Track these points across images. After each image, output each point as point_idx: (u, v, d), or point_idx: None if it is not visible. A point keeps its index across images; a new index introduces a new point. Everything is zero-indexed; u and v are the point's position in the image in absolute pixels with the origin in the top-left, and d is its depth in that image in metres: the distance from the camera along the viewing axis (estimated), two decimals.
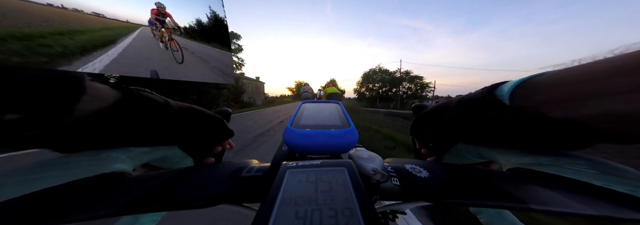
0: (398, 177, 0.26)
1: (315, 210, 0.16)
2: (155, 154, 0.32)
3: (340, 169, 0.22)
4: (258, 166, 0.30)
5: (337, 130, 0.35)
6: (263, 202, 0.17)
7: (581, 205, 0.18)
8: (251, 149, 4.24)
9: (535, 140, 0.25)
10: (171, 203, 0.21)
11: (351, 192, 0.18)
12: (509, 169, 0.27)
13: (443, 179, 0.25)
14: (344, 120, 0.42)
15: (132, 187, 0.23)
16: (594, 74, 0.16)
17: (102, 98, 0.21)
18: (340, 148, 0.33)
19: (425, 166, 0.28)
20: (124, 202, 0.20)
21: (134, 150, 0.28)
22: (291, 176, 0.21)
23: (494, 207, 0.28)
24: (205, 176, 0.27)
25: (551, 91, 0.19)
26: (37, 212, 0.17)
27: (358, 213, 0.15)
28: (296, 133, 0.34)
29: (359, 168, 0.24)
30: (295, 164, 0.23)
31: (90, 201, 0.19)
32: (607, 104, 0.15)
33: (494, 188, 0.22)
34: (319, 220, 0.15)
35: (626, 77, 0.14)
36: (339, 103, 0.60)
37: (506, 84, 0.23)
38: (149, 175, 0.26)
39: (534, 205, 0.18)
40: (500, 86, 0.23)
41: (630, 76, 0.14)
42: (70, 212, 0.18)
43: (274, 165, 0.28)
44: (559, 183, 0.21)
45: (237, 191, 0.26)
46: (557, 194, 0.19)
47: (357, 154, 0.29)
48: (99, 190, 0.21)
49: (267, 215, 0.16)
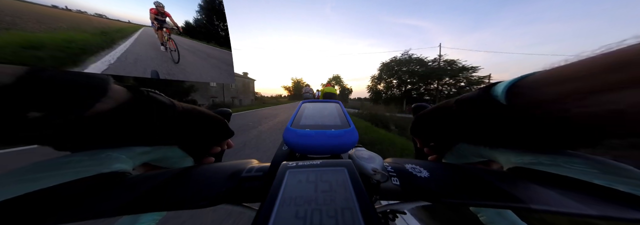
0: (398, 177, 0.26)
1: (315, 210, 0.16)
2: (155, 154, 0.32)
3: (340, 169, 0.22)
4: (258, 166, 0.30)
5: (337, 130, 0.35)
6: (263, 202, 0.17)
7: (582, 204, 0.18)
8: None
9: (533, 138, 0.25)
10: (171, 203, 0.21)
11: (351, 192, 0.18)
12: (509, 168, 0.27)
13: (443, 178, 0.25)
14: (344, 120, 0.42)
15: (132, 187, 0.23)
16: (586, 71, 0.16)
17: (116, 99, 0.22)
18: (340, 148, 0.33)
19: (426, 166, 0.28)
20: (124, 202, 0.20)
21: (134, 150, 0.28)
22: (291, 176, 0.21)
23: (494, 207, 0.28)
24: (205, 176, 0.27)
25: (545, 89, 0.19)
26: (37, 211, 0.17)
27: (358, 213, 0.15)
28: (296, 133, 0.34)
29: (359, 168, 0.24)
30: (295, 164, 0.23)
31: (90, 201, 0.19)
32: (600, 101, 0.16)
33: (494, 188, 0.22)
34: (319, 220, 0.15)
35: (617, 73, 0.14)
36: (339, 103, 0.61)
37: (501, 84, 0.23)
38: (149, 175, 0.26)
39: (534, 205, 0.18)
40: (496, 86, 0.24)
41: (621, 72, 0.14)
42: (70, 211, 0.18)
43: (274, 165, 0.28)
44: (560, 182, 0.21)
45: (237, 191, 0.26)
46: (558, 194, 0.19)
47: (357, 153, 0.29)
48: (99, 190, 0.21)
49: (267, 215, 0.16)
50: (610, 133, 0.19)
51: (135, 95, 0.24)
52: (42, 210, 0.17)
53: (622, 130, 0.17)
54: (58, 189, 0.20)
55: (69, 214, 0.18)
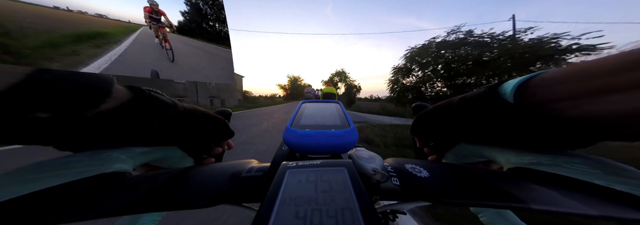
0: (398, 177, 0.26)
1: (315, 210, 0.16)
2: (155, 154, 0.32)
3: (340, 169, 0.22)
4: (258, 166, 0.30)
5: (337, 130, 0.35)
6: (263, 202, 0.17)
7: (582, 205, 0.18)
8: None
9: (537, 138, 0.25)
10: (171, 203, 0.21)
11: (351, 192, 0.18)
12: (509, 168, 0.27)
13: (443, 179, 0.25)
14: (344, 120, 0.42)
15: (132, 187, 0.23)
16: (598, 71, 0.16)
17: (119, 99, 0.22)
18: (340, 148, 0.34)
19: (426, 166, 0.28)
20: (124, 202, 0.20)
21: (135, 150, 0.28)
22: (291, 176, 0.21)
23: (494, 207, 0.28)
24: (205, 176, 0.27)
25: (555, 89, 0.19)
26: (37, 212, 0.17)
27: (358, 213, 0.15)
28: (296, 133, 0.34)
29: (359, 168, 0.24)
30: (295, 164, 0.23)
31: (90, 201, 0.19)
32: (612, 101, 0.15)
33: (495, 188, 0.22)
34: (319, 220, 0.15)
35: (629, 73, 0.14)
36: (339, 103, 0.61)
37: (510, 82, 0.23)
38: (149, 175, 0.26)
39: (534, 205, 0.18)
40: (504, 84, 0.23)
41: (633, 73, 0.14)
42: (70, 211, 0.18)
43: (274, 165, 0.28)
44: (560, 183, 0.21)
45: (237, 191, 0.26)
46: (558, 194, 0.19)
47: (357, 154, 0.29)
48: (99, 190, 0.21)
49: (267, 215, 0.16)
50: (619, 133, 0.18)
51: (136, 95, 0.24)
52: (43, 210, 0.17)
53: (631, 130, 0.17)
54: (59, 189, 0.20)
55: (69, 214, 0.18)
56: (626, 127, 0.17)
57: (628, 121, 0.16)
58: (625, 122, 0.16)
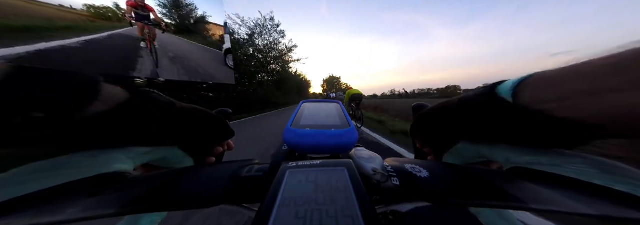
0: (398, 177, 0.26)
1: (315, 210, 0.16)
2: (155, 154, 0.32)
3: (340, 169, 0.22)
4: (258, 166, 0.30)
5: (337, 130, 0.35)
6: (263, 203, 0.17)
7: (582, 204, 0.18)
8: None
9: (536, 138, 0.25)
10: (171, 203, 0.21)
11: (351, 192, 0.18)
12: (509, 168, 0.27)
13: (443, 179, 0.25)
14: (344, 120, 0.42)
15: (132, 187, 0.23)
16: (597, 71, 0.16)
17: (114, 99, 0.22)
18: (341, 148, 0.34)
19: (426, 166, 0.28)
20: (124, 202, 0.20)
21: (135, 151, 0.28)
22: (291, 176, 0.21)
23: (494, 207, 0.28)
24: (205, 176, 0.27)
25: (555, 88, 0.19)
26: (37, 212, 0.17)
27: (358, 213, 0.15)
28: (296, 133, 0.34)
29: (359, 168, 0.24)
30: (295, 164, 0.23)
31: (90, 201, 0.19)
32: (611, 101, 0.16)
33: (495, 188, 0.22)
34: (319, 221, 0.15)
35: (627, 73, 0.14)
36: (339, 103, 0.61)
37: (508, 82, 0.23)
38: (149, 175, 0.26)
39: (534, 205, 0.18)
40: (503, 84, 0.24)
41: (630, 73, 0.14)
42: (70, 212, 0.18)
43: (274, 165, 0.28)
44: (560, 182, 0.21)
45: (237, 191, 0.26)
46: (558, 194, 0.19)
47: (357, 153, 0.29)
48: (99, 190, 0.21)
49: (267, 215, 0.16)
50: (611, 132, 0.19)
51: (134, 95, 0.24)
52: (43, 210, 0.17)
53: (623, 129, 0.18)
54: (58, 189, 0.20)
55: (69, 214, 0.18)
56: (618, 126, 0.17)
57: (619, 120, 0.16)
58: (617, 121, 0.17)
